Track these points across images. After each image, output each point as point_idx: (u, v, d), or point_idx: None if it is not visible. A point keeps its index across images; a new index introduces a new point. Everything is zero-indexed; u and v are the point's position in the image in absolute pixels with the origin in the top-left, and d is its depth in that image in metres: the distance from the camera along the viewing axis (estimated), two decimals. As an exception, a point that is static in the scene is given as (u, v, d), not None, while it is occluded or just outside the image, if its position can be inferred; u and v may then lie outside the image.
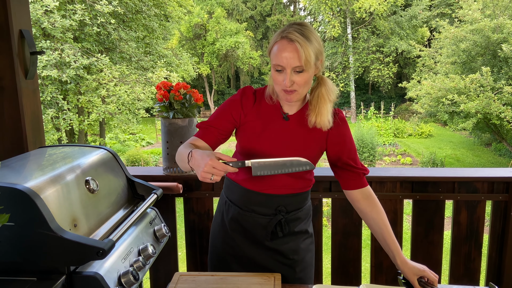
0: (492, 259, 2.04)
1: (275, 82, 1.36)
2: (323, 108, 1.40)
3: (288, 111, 1.46)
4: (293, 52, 1.28)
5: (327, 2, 25.85)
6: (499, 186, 1.97)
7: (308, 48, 1.29)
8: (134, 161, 14.14)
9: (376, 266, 2.06)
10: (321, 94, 1.41)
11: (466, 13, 14.15)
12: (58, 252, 1.04)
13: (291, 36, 1.28)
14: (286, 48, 1.29)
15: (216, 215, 1.62)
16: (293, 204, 1.51)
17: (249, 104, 1.46)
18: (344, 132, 1.49)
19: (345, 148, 1.49)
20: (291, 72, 1.31)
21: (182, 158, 1.35)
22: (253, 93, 1.48)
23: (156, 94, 1.96)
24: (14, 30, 1.62)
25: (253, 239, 1.51)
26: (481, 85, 12.36)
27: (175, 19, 16.11)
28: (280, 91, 1.37)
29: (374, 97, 30.46)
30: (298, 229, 1.54)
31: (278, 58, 1.30)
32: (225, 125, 1.46)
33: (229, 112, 1.46)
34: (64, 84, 11.07)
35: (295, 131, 1.45)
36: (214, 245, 1.61)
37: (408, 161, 15.07)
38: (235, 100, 1.47)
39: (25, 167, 1.32)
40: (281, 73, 1.32)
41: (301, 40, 1.28)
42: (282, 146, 1.43)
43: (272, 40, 1.35)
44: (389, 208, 2.00)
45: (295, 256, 1.53)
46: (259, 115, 1.46)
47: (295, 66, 1.29)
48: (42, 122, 1.82)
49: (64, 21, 10.47)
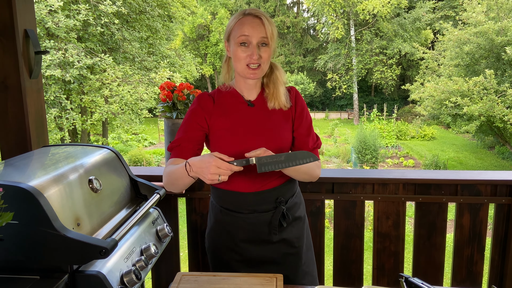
0: (495, 263, 2.03)
1: (237, 59, 1.38)
2: (279, 90, 1.46)
3: (249, 97, 1.48)
4: (259, 25, 1.35)
5: (331, 4, 25.85)
6: (502, 189, 1.96)
7: (272, 24, 1.38)
8: (137, 161, 14.17)
9: (378, 268, 2.06)
10: (276, 78, 1.47)
11: (470, 16, 14.12)
12: (61, 250, 1.04)
13: (255, 12, 1.37)
14: (253, 21, 1.35)
15: (213, 226, 1.58)
16: (288, 191, 1.53)
17: (208, 105, 1.47)
18: (303, 106, 1.53)
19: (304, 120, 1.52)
20: (257, 46, 1.36)
21: (177, 176, 1.35)
22: (208, 95, 1.50)
23: (160, 94, 1.97)
24: (19, 30, 1.63)
25: (259, 239, 1.51)
26: (485, 87, 12.32)
27: (178, 19, 16.14)
28: (244, 68, 1.38)
29: (377, 99, 30.43)
30: (298, 215, 1.56)
31: (244, 30, 1.35)
32: (196, 135, 1.46)
33: (194, 121, 1.47)
34: (67, 83, 11.11)
35: (263, 115, 1.46)
36: (216, 253, 1.59)
37: (410, 163, 15.04)
38: (194, 108, 1.48)
39: (29, 166, 1.32)
40: (247, 47, 1.36)
41: (264, 17, 1.37)
42: (257, 133, 1.44)
43: (231, 21, 1.40)
44: (392, 210, 2.00)
45: (300, 243, 1.56)
46: (223, 111, 1.47)
47: (262, 36, 1.35)
48: (46, 122, 1.83)
49: (68, 21, 10.51)
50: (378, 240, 2.04)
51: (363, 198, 2.00)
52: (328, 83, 28.35)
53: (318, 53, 31.37)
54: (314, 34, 33.80)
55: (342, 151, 16.21)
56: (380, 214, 2.02)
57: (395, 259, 2.04)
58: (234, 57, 1.40)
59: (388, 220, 2.01)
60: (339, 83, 27.64)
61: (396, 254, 2.04)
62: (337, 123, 22.82)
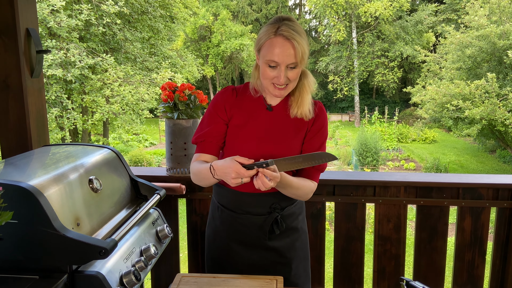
0: (496, 267, 2.02)
1: (265, 77, 1.37)
2: (305, 99, 1.43)
3: (271, 102, 1.47)
4: (290, 49, 1.30)
5: (333, 6, 25.86)
6: (504, 193, 1.95)
7: (303, 45, 1.32)
8: (137, 162, 14.16)
9: (379, 272, 2.05)
10: (303, 86, 1.43)
11: (472, 19, 14.11)
12: (61, 250, 1.04)
13: (287, 34, 1.30)
14: (283, 45, 1.30)
15: (210, 221, 1.62)
16: (285, 199, 1.51)
17: (230, 99, 1.47)
18: (323, 122, 1.50)
19: (319, 136, 1.49)
20: (285, 69, 1.33)
21: (204, 176, 1.39)
22: (232, 89, 1.50)
23: (161, 95, 1.97)
24: (21, 29, 1.63)
25: (249, 243, 1.51)
26: (486, 91, 12.30)
27: (180, 20, 16.15)
28: (269, 85, 1.37)
29: (378, 102, 30.41)
30: (294, 225, 1.54)
31: (274, 55, 1.31)
32: (219, 129, 1.47)
33: (215, 114, 1.47)
34: (68, 83, 11.11)
35: (279, 121, 1.45)
36: (209, 250, 1.62)
37: (411, 166, 15.02)
38: (216, 101, 1.48)
39: (29, 165, 1.32)
40: (274, 69, 1.34)
41: (298, 37, 1.30)
42: (267, 136, 1.44)
43: (263, 35, 1.34)
44: (393, 213, 1.99)
45: (291, 253, 1.54)
46: (241, 107, 1.47)
47: (291, 63, 1.32)
48: (47, 121, 1.83)
49: (70, 21, 10.52)
50: (379, 243, 2.03)
51: (364, 201, 1.99)
52: (329, 85, 28.33)
53: (320, 55, 31.37)
54: (315, 36, 33.82)
55: (343, 153, 16.20)
56: (381, 217, 2.01)
57: (396, 262, 2.03)
58: (261, 73, 1.38)
59: (389, 223, 2.01)
60: (340, 85, 27.62)
61: (397, 257, 2.03)
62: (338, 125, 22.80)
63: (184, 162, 1.96)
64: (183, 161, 1.96)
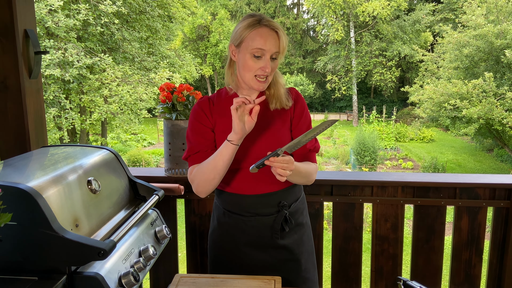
0: (493, 266, 2.04)
1: (247, 69, 1.38)
2: (280, 91, 1.48)
3: (253, 92, 1.48)
4: (275, 38, 1.36)
5: (331, 6, 25.88)
6: (500, 192, 1.96)
7: (286, 37, 1.39)
8: (135, 161, 14.16)
9: (377, 271, 2.06)
10: (276, 80, 1.48)
11: (469, 19, 14.14)
12: (60, 252, 1.04)
13: (271, 25, 1.36)
14: (270, 34, 1.35)
15: (215, 227, 1.59)
16: (291, 196, 1.52)
17: (208, 107, 1.48)
18: (303, 106, 1.54)
19: (304, 119, 1.52)
20: (269, 59, 1.37)
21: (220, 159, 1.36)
22: (207, 98, 1.50)
23: (159, 96, 1.97)
24: (19, 30, 1.63)
25: (260, 243, 1.51)
26: (484, 90, 12.34)
27: (178, 20, 16.14)
28: (251, 79, 1.39)
29: (376, 101, 30.46)
30: (300, 221, 1.56)
31: (261, 43, 1.34)
32: (208, 136, 1.47)
33: (199, 125, 1.47)
34: (66, 83, 11.10)
35: (262, 116, 1.45)
36: (216, 254, 1.60)
37: (409, 165, 15.05)
38: (195, 112, 1.48)
39: (28, 166, 1.32)
40: (259, 59, 1.36)
41: (280, 29, 1.37)
42: (255, 133, 1.44)
43: (245, 28, 1.36)
44: (390, 213, 2.00)
45: (300, 249, 1.55)
46: (221, 113, 1.47)
47: (275, 52, 1.37)
48: (45, 122, 1.83)
49: (68, 21, 10.51)
50: (376, 243, 2.04)
51: (361, 201, 2.00)
52: (327, 85, 28.39)
53: (318, 55, 31.41)
54: (314, 35, 33.85)
55: (341, 153, 16.23)
56: (378, 216, 2.02)
57: (393, 261, 2.04)
58: (243, 66, 1.38)
59: (386, 222, 2.02)
60: (338, 85, 27.66)
61: (395, 256, 2.04)
62: (336, 124, 22.84)
63: (183, 163, 1.97)
64: (181, 161, 1.96)
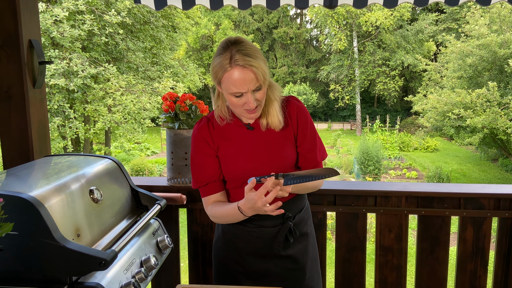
0: (498, 277, 2.01)
1: (234, 106, 1.34)
2: (271, 108, 1.41)
3: (247, 120, 1.46)
4: (250, 76, 1.26)
5: (334, 16, 26.02)
6: (505, 203, 1.94)
7: (261, 66, 1.27)
8: (139, 170, 14.17)
9: (381, 282, 2.03)
10: (267, 97, 1.40)
11: (472, 28, 14.18)
12: (61, 262, 1.04)
13: (243, 63, 1.25)
14: (243, 74, 1.25)
15: (220, 236, 1.59)
16: (295, 207, 1.52)
17: (208, 132, 1.45)
18: (306, 119, 1.47)
19: (308, 135, 1.48)
20: (252, 93, 1.30)
21: (234, 217, 1.41)
22: (206, 122, 1.47)
23: (162, 105, 1.97)
24: (24, 40, 1.64)
25: (264, 253, 1.50)
26: (488, 100, 12.32)
27: (182, 30, 16.28)
28: (242, 112, 1.36)
29: (380, 110, 30.44)
30: (304, 231, 1.55)
31: (238, 86, 1.27)
32: (213, 164, 1.46)
33: (203, 153, 1.46)
34: (71, 93, 11.18)
35: (264, 136, 1.44)
36: (221, 263, 1.60)
37: (413, 175, 14.98)
38: (196, 139, 1.46)
39: (31, 175, 1.32)
40: (241, 97, 1.30)
41: (254, 62, 1.25)
42: (258, 154, 1.43)
43: (219, 69, 1.29)
44: (394, 223, 1.98)
45: (304, 258, 1.55)
46: (223, 137, 1.45)
47: (256, 86, 1.28)
48: (49, 131, 1.83)
49: (73, 31, 10.62)
50: (380, 253, 2.02)
51: (365, 211, 1.98)
52: (330, 94, 28.44)
53: (321, 64, 31.52)
54: (317, 45, 33.99)
55: (344, 162, 16.18)
56: (382, 227, 2.00)
57: (397, 272, 2.02)
58: (230, 103, 1.35)
59: (390, 233, 2.00)
60: (341, 94, 27.70)
61: (399, 267, 2.02)
62: (339, 133, 22.82)
63: (185, 172, 1.96)
64: (184, 171, 1.96)
